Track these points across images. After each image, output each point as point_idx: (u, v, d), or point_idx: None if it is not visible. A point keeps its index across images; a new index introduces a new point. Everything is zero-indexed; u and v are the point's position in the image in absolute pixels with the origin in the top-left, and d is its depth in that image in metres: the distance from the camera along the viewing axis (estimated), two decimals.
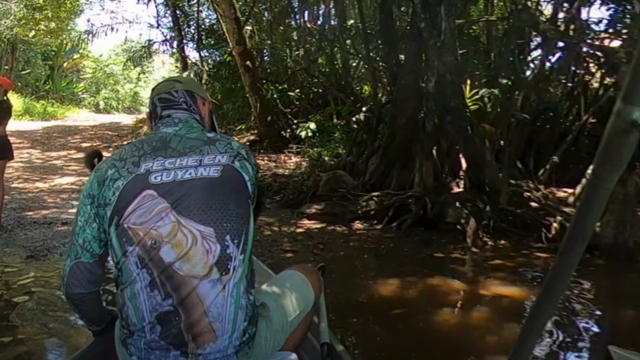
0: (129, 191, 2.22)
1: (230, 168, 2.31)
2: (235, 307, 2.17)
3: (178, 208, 2.19)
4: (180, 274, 2.14)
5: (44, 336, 4.44)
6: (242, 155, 2.38)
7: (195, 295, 2.14)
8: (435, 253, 7.58)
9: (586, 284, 6.39)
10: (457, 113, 9.32)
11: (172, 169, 2.26)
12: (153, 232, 2.17)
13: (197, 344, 2.13)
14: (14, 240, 7.30)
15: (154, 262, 2.16)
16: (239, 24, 15.05)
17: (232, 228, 2.22)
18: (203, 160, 2.30)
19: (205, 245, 2.17)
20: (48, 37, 29.71)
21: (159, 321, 2.14)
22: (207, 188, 2.25)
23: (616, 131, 0.97)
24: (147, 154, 2.31)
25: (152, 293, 2.15)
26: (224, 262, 2.18)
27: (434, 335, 4.84)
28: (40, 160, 15.30)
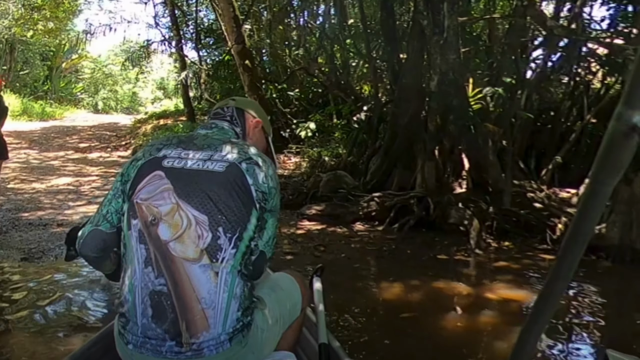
0: (144, 170, 2.41)
1: (236, 167, 2.39)
2: (229, 295, 2.23)
3: (179, 192, 2.33)
4: (174, 254, 2.24)
5: (38, 339, 4.34)
6: (254, 160, 2.45)
7: (187, 279, 2.22)
8: (439, 255, 7.47)
9: (591, 286, 6.28)
10: (459, 112, 9.22)
11: (185, 159, 2.42)
12: (154, 209, 2.32)
13: (190, 333, 2.18)
14: (8, 242, 7.20)
15: (151, 237, 2.28)
16: (237, 23, 14.94)
17: (226, 221, 2.29)
18: (213, 156, 2.43)
19: (197, 231, 2.27)
20: (46, 37, 29.70)
21: (151, 302, 2.23)
22: (209, 180, 2.35)
23: (616, 135, 0.96)
24: (171, 144, 2.52)
25: (147, 270, 2.26)
26: (214, 250, 2.25)
27: (439, 340, 4.72)
28: (38, 160, 15.20)
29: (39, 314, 4.89)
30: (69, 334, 4.45)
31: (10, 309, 4.99)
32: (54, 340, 4.35)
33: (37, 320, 4.73)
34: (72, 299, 5.30)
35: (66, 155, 16.54)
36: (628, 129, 0.93)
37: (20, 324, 4.64)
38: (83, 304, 5.18)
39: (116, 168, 14.50)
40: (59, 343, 4.29)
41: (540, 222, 8.31)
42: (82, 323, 4.68)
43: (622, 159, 0.97)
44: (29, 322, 4.71)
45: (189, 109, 20.61)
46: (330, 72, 16.62)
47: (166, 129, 18.89)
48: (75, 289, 5.64)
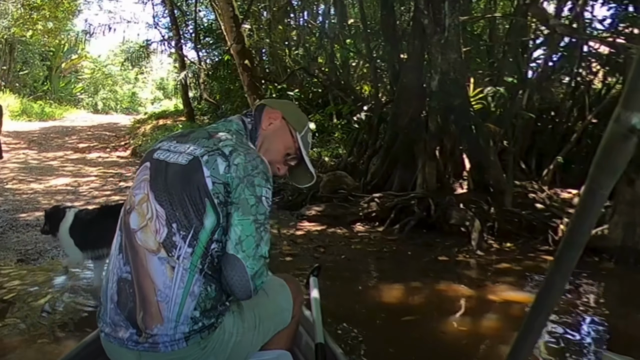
0: (142, 160, 2.47)
1: (196, 161, 2.26)
2: (184, 292, 2.16)
3: (152, 183, 2.31)
4: (138, 243, 2.24)
5: (31, 341, 4.31)
6: (221, 151, 2.27)
7: (146, 269, 2.20)
8: (440, 256, 7.40)
9: (594, 287, 6.25)
10: (460, 112, 9.16)
11: (170, 152, 2.37)
12: (132, 198, 2.36)
13: (145, 324, 2.17)
14: (4, 243, 7.17)
15: (125, 225, 2.32)
16: (237, 22, 14.89)
17: (180, 219, 2.20)
18: (188, 149, 2.33)
19: (156, 225, 2.23)
20: (46, 38, 29.69)
21: (118, 288, 2.26)
22: (172, 173, 2.28)
23: (615, 136, 0.97)
24: (173, 137, 2.50)
25: (119, 256, 2.30)
26: (169, 246, 2.19)
27: (440, 342, 4.66)
28: (36, 161, 15.15)
29: (33, 316, 4.85)
30: (63, 336, 4.42)
31: (4, 310, 4.95)
32: (47, 342, 4.31)
33: (31, 323, 4.69)
34: (67, 302, 5.26)
35: (65, 156, 16.50)
36: (626, 130, 0.94)
37: (14, 326, 4.60)
38: (78, 307, 5.13)
39: (115, 168, 14.47)
40: (52, 345, 4.25)
41: (542, 223, 8.25)
42: (76, 325, 4.64)
43: (620, 160, 0.98)
44: (23, 324, 4.66)
45: (188, 109, 20.60)
46: (330, 72, 16.60)
47: (165, 129, 18.85)
48: (71, 291, 5.59)
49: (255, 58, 17.60)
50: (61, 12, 26.40)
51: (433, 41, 9.13)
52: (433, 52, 9.28)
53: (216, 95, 20.58)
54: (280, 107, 2.71)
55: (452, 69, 9.00)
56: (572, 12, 10.86)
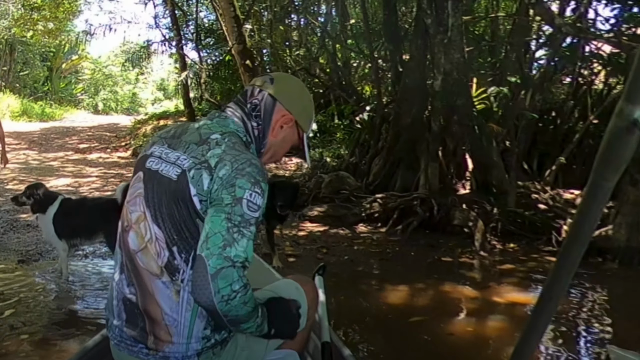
0: (135, 169, 2.33)
1: (184, 177, 2.09)
2: (192, 314, 2.11)
3: (147, 200, 2.18)
4: (141, 265, 2.16)
5: (34, 342, 4.31)
6: (207, 164, 2.08)
7: (152, 293, 2.13)
8: (443, 257, 7.40)
9: (598, 288, 6.24)
10: (463, 112, 9.14)
11: (162, 160, 2.21)
12: (128, 215, 2.24)
13: (156, 345, 2.14)
14: (5, 243, 7.17)
15: (124, 244, 2.24)
16: (238, 23, 14.84)
17: (179, 241, 2.10)
18: (178, 159, 2.16)
19: (156, 247, 2.12)
20: (46, 38, 29.66)
21: (125, 307, 2.21)
22: (165, 190, 2.14)
23: (617, 130, 0.96)
24: (164, 138, 2.32)
25: (121, 276, 2.24)
26: (172, 270, 2.10)
27: (443, 343, 4.66)
28: (37, 161, 15.12)
29: (34, 316, 4.85)
30: (65, 337, 4.41)
31: (5, 311, 4.93)
32: (49, 343, 4.31)
33: (32, 323, 4.68)
34: (68, 302, 5.26)
35: (66, 156, 16.48)
36: (629, 124, 0.93)
37: (16, 327, 4.58)
38: (80, 307, 5.13)
39: (116, 169, 14.45)
40: (54, 346, 4.25)
41: (545, 223, 8.23)
42: (78, 326, 4.62)
43: (623, 154, 0.97)
44: (24, 325, 4.65)
45: (189, 110, 20.52)
46: (331, 72, 16.58)
47: None
48: (72, 292, 5.59)
49: (257, 58, 17.56)
50: (62, 13, 26.35)
51: (436, 41, 9.10)
52: (436, 52, 9.25)
53: (217, 96, 20.53)
54: (292, 106, 2.39)
55: (454, 69, 8.98)
56: (575, 13, 10.82)
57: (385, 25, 11.79)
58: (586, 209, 1.08)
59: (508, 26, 13.48)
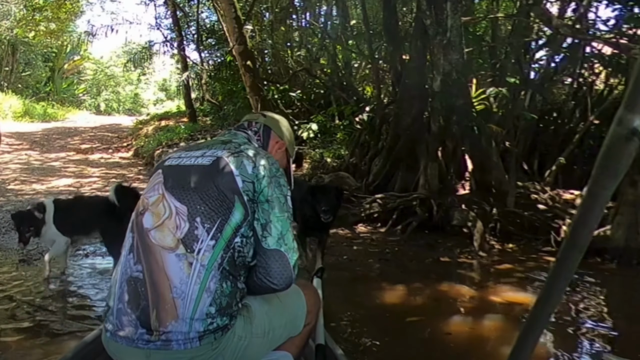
0: (153, 171, 2.61)
1: (222, 160, 2.43)
2: (200, 288, 2.23)
3: (167, 184, 2.44)
4: (153, 242, 2.32)
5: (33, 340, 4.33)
6: (244, 154, 2.48)
7: (162, 267, 2.26)
8: (442, 257, 7.41)
9: (597, 288, 6.23)
10: (463, 113, 9.15)
11: (182, 158, 2.54)
12: (145, 200, 2.47)
13: (159, 322, 2.21)
14: (7, 243, 7.23)
15: (137, 225, 2.41)
16: (239, 23, 14.87)
17: (204, 212, 2.32)
18: (206, 153, 2.50)
19: (176, 221, 2.33)
20: (48, 39, 29.69)
21: (128, 287, 2.31)
22: (195, 172, 2.42)
23: (617, 138, 0.98)
24: (180, 151, 2.66)
25: (129, 256, 2.37)
26: (190, 241, 2.28)
27: (442, 344, 4.65)
28: (39, 161, 15.15)
29: (34, 315, 4.87)
30: (64, 336, 4.42)
31: (5, 310, 4.96)
32: (48, 342, 4.31)
33: (32, 322, 4.71)
34: (67, 302, 5.28)
35: (67, 157, 16.50)
36: (629, 132, 0.95)
37: (16, 326, 4.61)
38: (78, 307, 5.14)
39: (117, 169, 14.48)
40: (53, 345, 4.25)
41: (544, 223, 8.24)
42: (77, 325, 4.63)
43: (622, 162, 0.99)
44: (24, 323, 4.68)
45: (190, 110, 20.58)
46: (332, 72, 16.57)
47: (167, 131, 18.85)
48: (71, 291, 5.61)
49: (258, 59, 17.58)
50: (64, 14, 26.40)
51: (435, 42, 9.11)
52: (435, 52, 9.26)
53: (218, 97, 20.53)
54: (283, 135, 2.96)
55: (454, 70, 8.98)
56: (575, 13, 10.83)
57: (386, 27, 11.80)
58: (584, 216, 1.09)
59: (509, 26, 13.49)
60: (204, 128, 18.33)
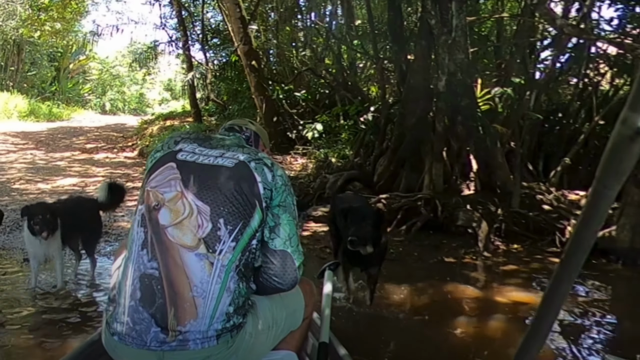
0: (160, 162, 2.50)
1: (244, 165, 2.43)
2: (221, 287, 2.25)
3: (186, 182, 2.39)
4: (170, 239, 2.29)
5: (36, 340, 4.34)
6: (263, 161, 2.48)
7: (180, 265, 2.25)
8: (446, 257, 7.39)
9: (602, 289, 6.23)
10: (468, 113, 9.13)
11: (199, 154, 2.48)
12: (159, 195, 2.39)
13: (178, 320, 2.20)
14: (11, 242, 7.24)
15: (151, 221, 2.35)
16: (244, 23, 14.88)
17: (228, 214, 2.33)
18: (225, 154, 2.48)
19: (198, 220, 2.31)
20: (54, 38, 29.70)
21: (141, 284, 2.27)
22: (217, 173, 2.40)
23: (621, 138, 0.97)
24: (189, 139, 2.60)
25: (141, 252, 2.32)
26: (212, 241, 2.29)
27: (446, 344, 4.65)
28: (44, 161, 15.15)
29: (38, 314, 4.88)
30: (68, 335, 4.43)
31: (10, 309, 4.96)
32: (51, 341, 4.32)
33: (36, 321, 4.72)
34: (72, 301, 5.27)
35: (72, 156, 16.50)
36: (633, 133, 0.94)
37: (20, 325, 4.62)
38: (82, 306, 5.14)
39: (122, 169, 14.47)
40: (56, 344, 4.26)
41: (549, 224, 8.22)
42: (81, 324, 4.63)
43: (626, 163, 0.99)
44: (28, 323, 4.70)
45: (195, 110, 20.57)
46: (337, 72, 16.56)
47: (172, 130, 18.82)
48: (76, 291, 5.61)
49: (263, 59, 17.57)
50: (69, 13, 26.40)
51: (440, 42, 9.11)
52: (440, 52, 9.26)
53: (223, 97, 20.55)
54: (267, 143, 3.08)
55: (459, 70, 8.97)
56: (579, 13, 10.81)
57: (391, 26, 11.79)
58: (589, 216, 1.09)
59: (513, 27, 13.46)
60: (209, 128, 18.30)
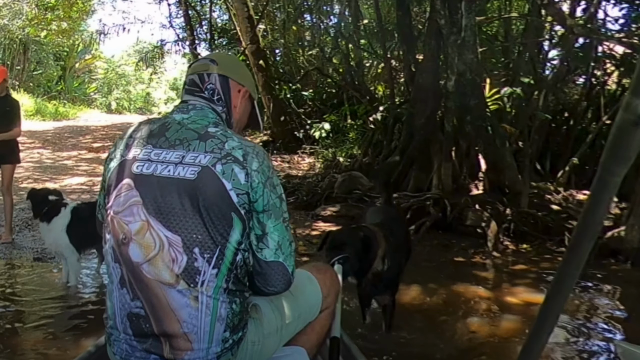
0: (116, 176, 2.20)
1: (209, 172, 2.09)
2: (212, 319, 2.08)
3: (148, 206, 2.10)
4: (148, 277, 2.07)
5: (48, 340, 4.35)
6: (232, 157, 2.13)
7: (165, 303, 2.07)
8: (456, 257, 7.39)
9: (610, 289, 6.23)
10: (476, 113, 9.11)
11: (155, 162, 2.14)
12: (124, 226, 2.12)
13: (174, 354, 2.08)
14: (21, 241, 7.25)
15: (123, 258, 2.12)
16: (252, 23, 14.91)
17: (202, 241, 2.07)
18: (185, 158, 2.13)
19: (171, 254, 2.07)
20: (60, 38, 29.70)
21: (131, 323, 2.11)
22: (180, 191, 2.09)
23: (624, 124, 0.97)
24: (141, 139, 2.24)
25: (122, 291, 2.13)
26: (191, 274, 2.06)
27: (456, 344, 4.65)
28: (51, 160, 15.17)
29: (49, 314, 4.90)
30: (80, 335, 4.44)
31: (22, 309, 4.99)
32: (64, 341, 4.34)
33: (48, 321, 4.73)
34: (83, 300, 5.28)
35: (79, 155, 16.49)
36: (636, 118, 0.94)
37: (33, 325, 4.64)
38: (94, 305, 5.14)
39: None
40: (69, 344, 4.27)
41: (558, 224, 8.19)
42: (92, 325, 4.63)
43: (631, 148, 0.98)
44: (40, 322, 4.70)
45: None
46: (344, 72, 16.56)
47: None
48: (87, 289, 5.62)
49: (270, 58, 17.61)
50: (75, 12, 26.43)
51: (449, 41, 9.08)
52: (449, 52, 9.23)
53: None
54: (243, 79, 2.51)
55: (468, 70, 8.94)
56: (585, 13, 10.79)
57: (399, 26, 11.80)
58: (594, 204, 1.08)
59: (521, 26, 13.45)
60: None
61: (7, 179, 7.37)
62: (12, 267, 6.26)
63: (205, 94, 2.38)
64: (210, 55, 2.64)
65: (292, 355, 2.51)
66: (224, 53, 2.70)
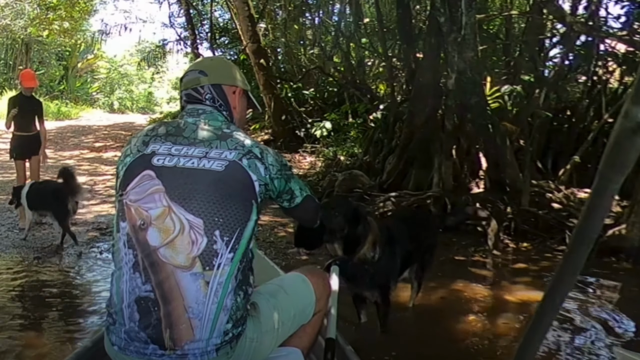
0: (134, 169, 2.29)
1: (237, 165, 2.29)
2: (218, 307, 2.14)
3: (171, 193, 2.21)
4: (163, 261, 2.15)
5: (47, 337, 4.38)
6: (253, 154, 2.34)
7: (175, 286, 2.13)
8: (456, 256, 7.37)
9: (611, 288, 6.20)
10: (477, 111, 9.09)
11: (177, 156, 2.28)
12: (143, 213, 2.20)
13: (174, 342, 2.12)
14: (21, 240, 7.19)
15: (140, 243, 2.19)
16: (252, 22, 14.92)
17: (224, 224, 2.20)
18: (209, 153, 2.29)
19: (191, 236, 2.16)
20: (62, 37, 29.77)
21: (138, 307, 2.15)
22: (206, 180, 2.24)
23: (624, 132, 0.98)
24: (158, 136, 2.36)
25: (134, 275, 2.17)
26: (209, 257, 2.16)
27: (456, 343, 4.64)
28: (52, 160, 15.11)
29: (49, 312, 4.92)
30: (77, 332, 4.48)
31: (21, 307, 5.00)
32: (63, 339, 4.34)
33: (47, 319, 4.76)
34: (83, 299, 5.30)
35: (81, 155, 16.52)
36: (636, 125, 0.95)
37: (32, 323, 4.64)
38: (93, 303, 5.15)
39: None
40: (65, 341, 4.29)
41: (558, 222, 8.17)
42: (92, 322, 4.64)
43: (629, 156, 0.99)
44: (39, 320, 4.72)
45: None
46: (345, 71, 16.55)
47: None
48: (87, 288, 5.63)
49: (271, 57, 17.60)
50: (77, 12, 26.48)
51: (450, 39, 9.07)
52: (450, 50, 9.21)
53: None
54: (233, 80, 2.65)
55: (468, 68, 8.93)
56: (587, 11, 10.77)
57: (399, 24, 11.78)
58: (592, 210, 1.08)
59: (522, 24, 13.44)
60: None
61: (36, 170, 8.69)
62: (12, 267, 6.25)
63: (207, 102, 2.53)
64: (197, 66, 2.73)
65: (288, 356, 2.54)
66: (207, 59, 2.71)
